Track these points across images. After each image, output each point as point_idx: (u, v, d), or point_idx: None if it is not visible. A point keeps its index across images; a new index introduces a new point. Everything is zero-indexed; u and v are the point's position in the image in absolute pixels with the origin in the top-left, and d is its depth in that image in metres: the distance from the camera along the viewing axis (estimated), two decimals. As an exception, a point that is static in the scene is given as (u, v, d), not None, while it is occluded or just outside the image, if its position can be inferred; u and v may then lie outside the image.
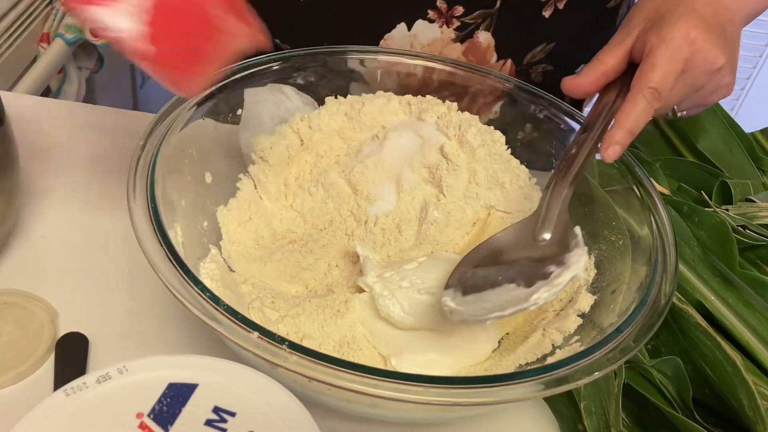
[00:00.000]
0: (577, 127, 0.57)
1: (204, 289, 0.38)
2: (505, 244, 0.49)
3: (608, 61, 0.51)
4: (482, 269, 0.47)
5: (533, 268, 0.47)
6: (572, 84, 0.52)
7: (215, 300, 0.38)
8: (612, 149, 0.48)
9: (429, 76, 0.61)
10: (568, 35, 0.70)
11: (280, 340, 0.36)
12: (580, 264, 0.45)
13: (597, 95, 0.54)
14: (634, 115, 0.48)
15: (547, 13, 0.67)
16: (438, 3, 0.65)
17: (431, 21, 0.66)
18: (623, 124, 0.49)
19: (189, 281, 0.38)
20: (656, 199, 0.51)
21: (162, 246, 0.39)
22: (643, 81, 0.48)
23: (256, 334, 0.36)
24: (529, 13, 0.67)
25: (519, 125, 0.60)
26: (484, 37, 0.68)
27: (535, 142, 0.60)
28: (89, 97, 1.30)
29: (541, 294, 0.43)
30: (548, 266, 0.46)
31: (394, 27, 0.67)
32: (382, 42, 0.68)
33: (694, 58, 0.49)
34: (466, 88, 0.61)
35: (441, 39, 0.67)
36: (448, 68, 0.61)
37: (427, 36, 0.67)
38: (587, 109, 0.83)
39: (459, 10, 0.65)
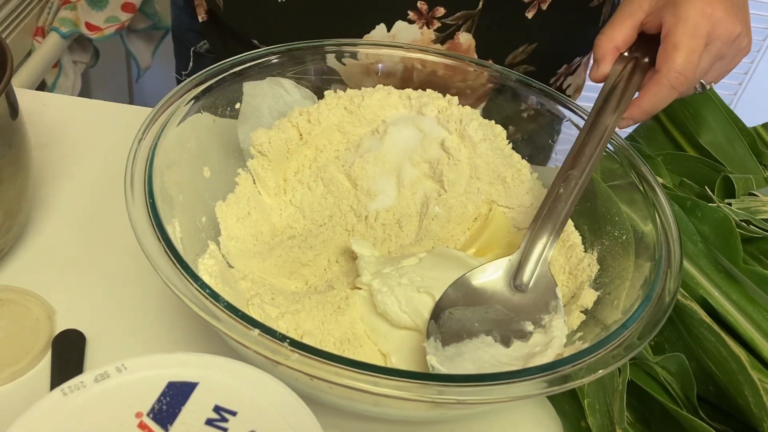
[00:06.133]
0: (569, 114, 0.57)
1: (203, 285, 0.37)
2: (483, 282, 0.49)
3: (618, 36, 0.51)
4: (459, 310, 0.47)
5: (508, 320, 0.47)
6: (596, 76, 0.52)
7: (215, 296, 0.37)
8: (624, 122, 0.51)
9: (410, 75, 0.60)
10: (550, 36, 0.69)
11: (281, 338, 0.35)
12: (562, 339, 0.45)
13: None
14: (656, 99, 0.50)
15: (530, 14, 0.66)
16: (419, 4, 0.64)
17: (411, 22, 0.65)
18: (643, 105, 0.50)
19: (188, 278, 0.37)
20: (660, 194, 0.50)
21: (161, 242, 0.39)
22: (668, 64, 0.48)
23: (256, 331, 0.36)
24: (512, 15, 0.66)
25: (506, 121, 0.59)
26: (464, 38, 0.67)
27: (527, 136, 0.60)
28: (85, 91, 1.29)
29: None
30: (524, 322, 0.47)
31: (374, 28, 0.65)
32: None
33: (714, 31, 0.49)
34: (447, 88, 0.59)
35: (421, 40, 0.66)
36: (438, 59, 0.59)
37: (406, 37, 0.66)
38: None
39: (440, 11, 0.64)
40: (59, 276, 0.53)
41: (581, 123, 0.56)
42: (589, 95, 0.99)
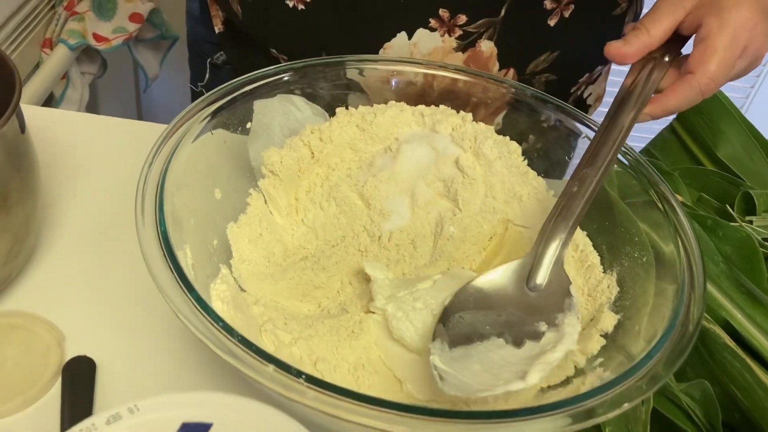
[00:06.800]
0: (578, 127, 0.56)
1: (216, 318, 0.36)
2: (495, 286, 0.47)
3: (655, 31, 0.50)
4: (470, 314, 0.46)
5: (522, 322, 0.45)
6: (618, 52, 0.50)
7: (228, 330, 0.36)
8: (643, 116, 0.50)
9: (429, 85, 0.59)
10: (572, 44, 0.68)
11: (297, 374, 0.35)
12: (574, 336, 0.43)
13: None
14: (682, 100, 0.49)
15: (552, 22, 0.66)
16: (440, 11, 0.63)
17: (433, 30, 0.64)
18: (668, 104, 0.49)
19: (201, 311, 0.36)
20: (680, 213, 0.49)
21: (173, 273, 0.38)
22: (703, 68, 0.47)
23: (271, 366, 0.35)
24: (534, 22, 0.65)
25: (524, 134, 0.58)
26: (486, 46, 0.66)
27: (544, 150, 0.59)
28: (92, 101, 1.29)
29: (535, 374, 0.41)
30: (538, 323, 0.45)
31: (394, 36, 0.65)
32: (381, 51, 0.66)
33: (751, 44, 0.48)
34: (468, 98, 0.59)
35: (442, 48, 0.65)
36: (456, 76, 0.59)
37: (427, 45, 0.65)
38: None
39: (462, 18, 0.64)
40: (68, 300, 0.52)
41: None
42: (610, 101, 0.98)
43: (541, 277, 0.47)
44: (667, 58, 0.51)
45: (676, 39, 0.51)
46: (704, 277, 0.44)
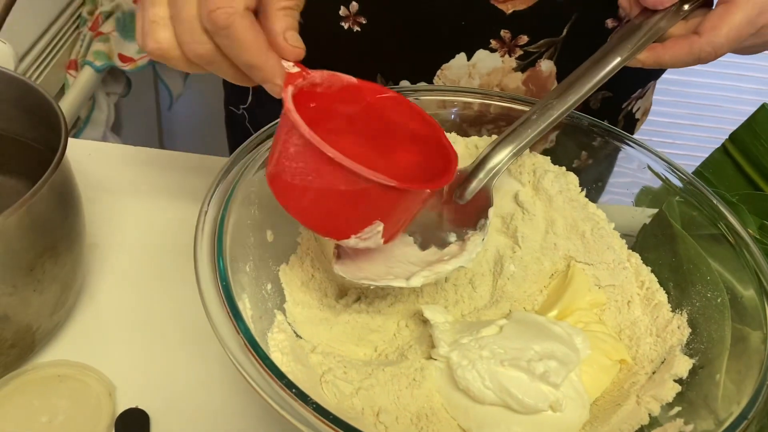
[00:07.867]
0: (632, 152, 0.54)
1: (289, 384, 0.35)
2: None
3: None
4: None
5: (436, 227, 0.47)
6: None
7: (303, 397, 0.34)
8: (633, 62, 0.48)
9: (486, 108, 0.58)
10: None
11: (379, 446, 0.33)
12: (471, 255, 0.45)
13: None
14: (678, 60, 0.47)
15: None
16: (501, 32, 0.61)
17: (493, 51, 0.63)
18: (663, 58, 0.47)
19: (278, 382, 0.34)
20: (756, 251, 0.47)
21: (243, 340, 0.36)
22: (712, 35, 0.45)
23: (351, 438, 0.33)
24: (595, 42, 0.64)
25: (574, 153, 0.57)
26: (546, 66, 0.65)
27: (595, 170, 0.57)
28: (116, 121, 1.27)
29: (418, 278, 0.43)
30: (449, 232, 0.47)
31: (453, 57, 0.64)
32: (438, 72, 0.65)
33: (766, 28, 0.46)
34: None
35: (502, 68, 0.64)
36: (512, 105, 0.57)
37: (486, 66, 0.64)
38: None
39: (523, 39, 0.62)
40: (116, 348, 0.50)
41: (655, 165, 0.54)
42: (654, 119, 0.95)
43: (471, 189, 0.48)
44: (686, 7, 0.48)
45: None
46: (791, 324, 0.42)
